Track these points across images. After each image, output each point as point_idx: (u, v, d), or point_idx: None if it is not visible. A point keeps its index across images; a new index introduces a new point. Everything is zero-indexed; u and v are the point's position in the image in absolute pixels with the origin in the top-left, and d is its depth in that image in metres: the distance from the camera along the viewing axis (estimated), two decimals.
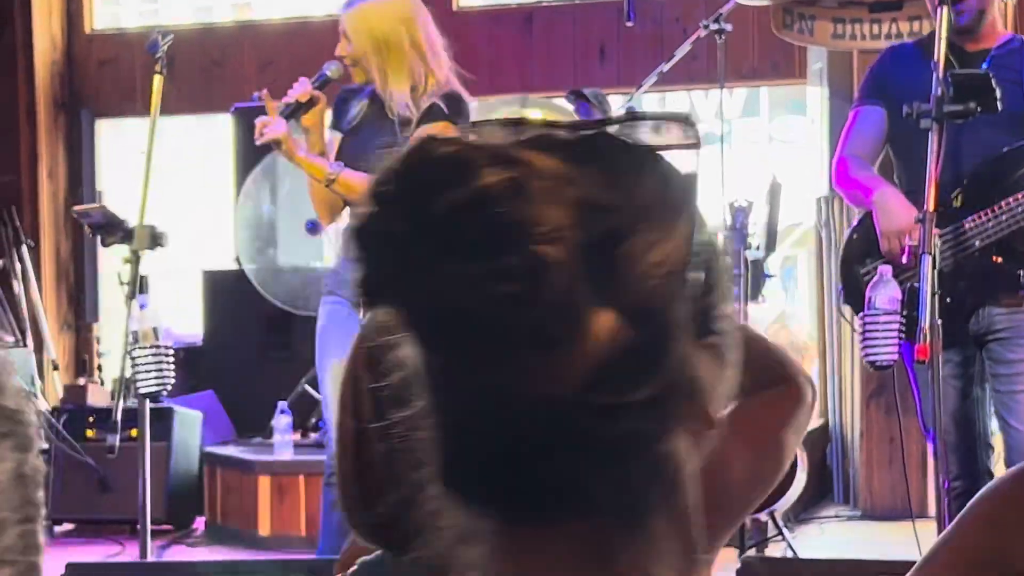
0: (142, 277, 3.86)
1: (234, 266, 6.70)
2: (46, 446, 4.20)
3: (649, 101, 11.81)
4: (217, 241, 7.53)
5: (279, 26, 7.77)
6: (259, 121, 4.30)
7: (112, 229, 3.84)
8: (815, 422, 6.62)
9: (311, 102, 4.31)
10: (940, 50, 3.86)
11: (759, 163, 9.41)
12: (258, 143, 4.30)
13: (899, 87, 4.12)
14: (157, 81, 3.95)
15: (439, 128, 4.23)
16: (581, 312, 0.91)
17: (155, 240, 3.83)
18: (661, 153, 0.98)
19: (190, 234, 7.66)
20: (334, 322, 4.27)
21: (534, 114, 5.80)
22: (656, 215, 0.94)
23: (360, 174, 4.23)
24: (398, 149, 0.95)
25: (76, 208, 4.07)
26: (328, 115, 4.51)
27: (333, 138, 4.49)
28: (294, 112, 4.29)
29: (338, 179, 4.25)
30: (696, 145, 1.05)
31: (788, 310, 7.70)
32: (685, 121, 1.06)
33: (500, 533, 0.95)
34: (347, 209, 4.46)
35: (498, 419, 0.92)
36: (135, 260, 3.81)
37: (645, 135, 1.03)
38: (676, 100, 12.37)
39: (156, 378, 3.98)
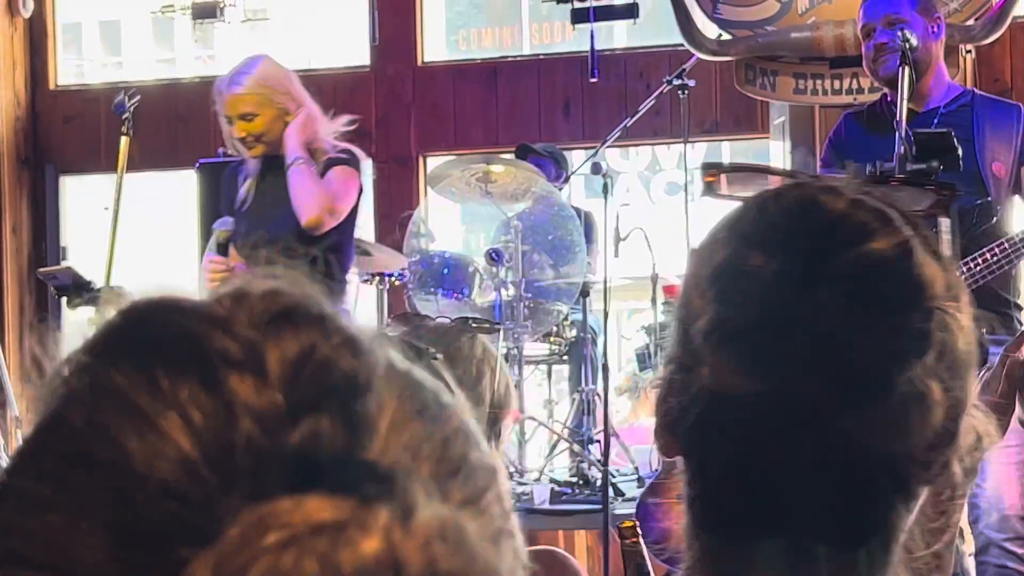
0: None
1: None
2: None
3: (612, 155, 11.89)
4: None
5: None
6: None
7: (78, 291, 3.81)
8: None
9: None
10: (903, 109, 3.90)
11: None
12: None
13: (856, 153, 4.16)
14: (124, 142, 3.94)
15: (346, 172, 4.20)
16: (936, 375, 0.95)
17: (120, 303, 3.80)
18: None
19: (155, 289, 7.61)
20: None
21: (497, 169, 5.82)
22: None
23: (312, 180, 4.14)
24: (770, 192, 0.98)
25: (41, 270, 4.04)
26: None
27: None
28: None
29: (292, 166, 4.13)
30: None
31: None
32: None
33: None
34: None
35: (839, 463, 0.94)
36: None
37: None
38: (642, 152, 12.47)
39: None
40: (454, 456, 0.63)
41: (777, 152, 6.69)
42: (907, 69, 3.94)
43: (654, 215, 12.12)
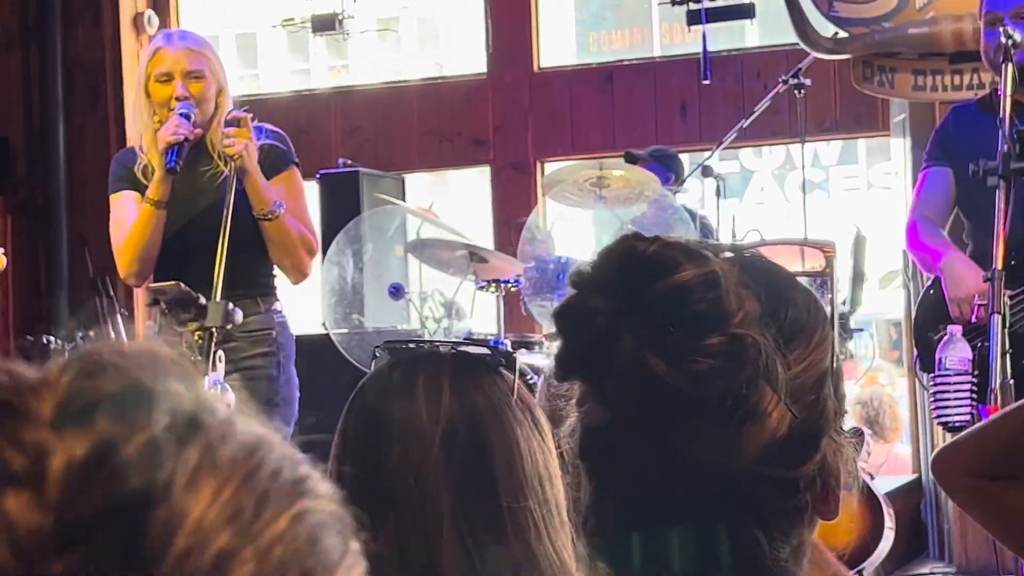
0: (214, 354, 3.86)
1: (321, 331, 6.76)
2: None
3: (745, 154, 11.78)
4: (304, 306, 7.60)
5: (370, 91, 7.86)
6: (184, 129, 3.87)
7: (185, 307, 3.87)
8: (908, 476, 6.52)
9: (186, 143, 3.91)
10: (1006, 106, 3.82)
11: (848, 214, 9.31)
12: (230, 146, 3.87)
13: (964, 147, 4.08)
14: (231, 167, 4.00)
15: (296, 179, 4.15)
16: (764, 391, 1.05)
17: (227, 317, 3.86)
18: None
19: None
20: None
21: (615, 173, 5.81)
22: (809, 326, 1.11)
23: (295, 222, 4.00)
24: (603, 249, 1.11)
25: (151, 286, 4.09)
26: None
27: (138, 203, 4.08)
28: (181, 153, 3.88)
29: (280, 218, 3.98)
30: (826, 274, 1.30)
31: (876, 364, 7.60)
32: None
33: None
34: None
35: (678, 485, 1.06)
36: (208, 337, 3.83)
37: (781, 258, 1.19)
38: (775, 150, 12.34)
39: None
40: (273, 563, 0.55)
41: (898, 149, 6.58)
42: (1010, 66, 3.86)
43: (789, 214, 11.99)
